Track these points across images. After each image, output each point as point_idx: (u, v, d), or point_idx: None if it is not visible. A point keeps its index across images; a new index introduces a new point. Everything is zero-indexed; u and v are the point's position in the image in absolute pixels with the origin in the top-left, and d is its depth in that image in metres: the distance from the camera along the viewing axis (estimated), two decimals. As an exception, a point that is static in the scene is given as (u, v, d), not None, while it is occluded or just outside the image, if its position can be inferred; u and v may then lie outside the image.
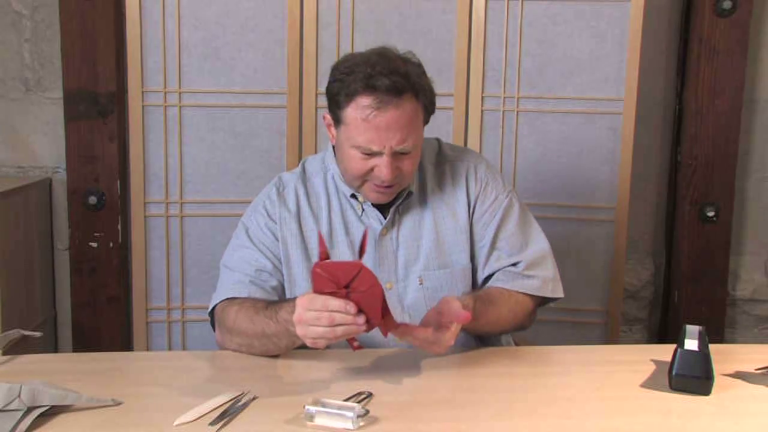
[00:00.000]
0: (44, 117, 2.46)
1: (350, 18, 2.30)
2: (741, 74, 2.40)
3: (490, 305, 1.47)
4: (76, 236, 2.36)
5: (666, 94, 2.54)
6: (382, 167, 1.42)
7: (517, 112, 2.35)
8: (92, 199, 2.34)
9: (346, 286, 1.21)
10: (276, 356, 1.42)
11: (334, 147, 1.55)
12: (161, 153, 2.33)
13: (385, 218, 1.54)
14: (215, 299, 1.52)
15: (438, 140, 1.65)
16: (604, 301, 2.42)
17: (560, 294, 1.58)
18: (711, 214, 2.45)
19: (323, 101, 2.31)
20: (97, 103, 2.31)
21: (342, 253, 1.53)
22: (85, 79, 2.30)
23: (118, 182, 2.34)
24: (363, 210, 1.54)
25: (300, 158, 2.33)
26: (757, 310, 2.66)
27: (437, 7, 2.31)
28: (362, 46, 2.28)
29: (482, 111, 2.35)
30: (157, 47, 2.29)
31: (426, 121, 1.50)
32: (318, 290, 1.23)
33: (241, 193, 2.35)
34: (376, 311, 1.22)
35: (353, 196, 1.54)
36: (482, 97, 2.34)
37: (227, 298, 1.49)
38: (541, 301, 1.58)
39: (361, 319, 1.21)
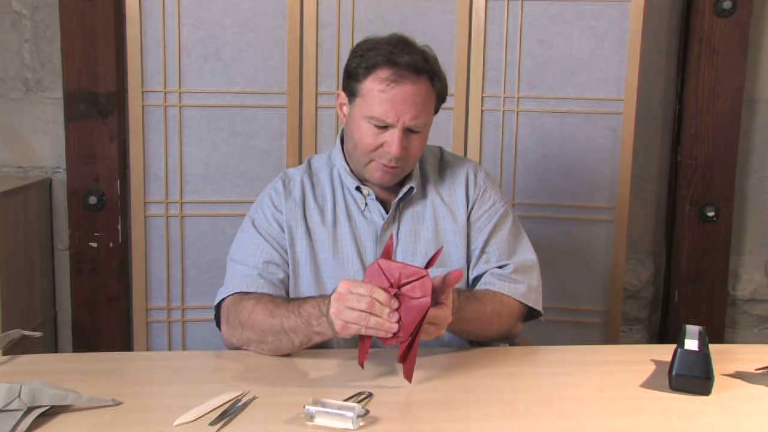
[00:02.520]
0: (44, 117, 2.46)
1: (350, 18, 2.30)
2: (741, 74, 2.40)
3: (474, 301, 1.47)
4: (76, 236, 2.36)
5: (666, 94, 2.54)
6: (392, 142, 1.45)
7: (517, 112, 2.35)
8: (92, 199, 2.34)
9: (399, 287, 1.22)
10: (279, 356, 1.42)
11: (343, 131, 1.58)
12: (161, 153, 2.33)
13: (387, 213, 1.55)
14: (222, 293, 1.51)
15: (440, 148, 1.69)
16: (604, 301, 2.42)
17: (540, 308, 1.58)
18: (711, 214, 2.45)
19: (323, 101, 2.33)
20: (97, 103, 2.31)
21: (346, 247, 1.54)
22: (85, 79, 2.30)
23: (118, 182, 2.34)
24: (366, 204, 1.56)
25: (300, 158, 2.34)
26: (757, 310, 2.66)
27: (437, 7, 2.31)
28: (362, 46, 2.30)
29: (482, 111, 2.35)
30: (157, 47, 2.29)
31: (436, 110, 1.53)
32: (368, 282, 1.24)
33: (241, 193, 2.35)
34: (412, 323, 1.22)
35: (358, 189, 1.55)
36: (482, 97, 2.34)
37: (237, 293, 1.48)
38: (525, 315, 1.58)
39: (395, 318, 1.21)
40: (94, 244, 2.36)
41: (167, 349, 2.38)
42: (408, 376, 1.26)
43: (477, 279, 1.57)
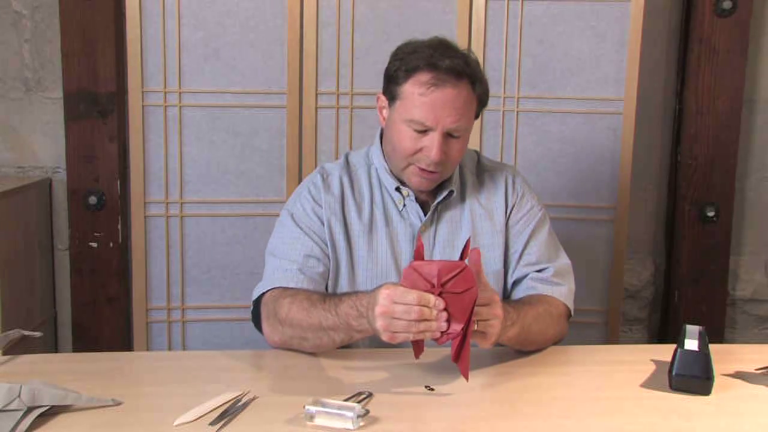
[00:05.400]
0: (44, 117, 2.46)
1: (350, 18, 2.30)
2: (741, 74, 2.40)
3: (525, 305, 1.45)
4: (76, 236, 2.36)
5: (666, 94, 2.54)
6: (431, 146, 1.44)
7: (517, 112, 2.35)
8: (92, 199, 2.34)
9: (442, 286, 1.21)
10: (323, 352, 1.42)
11: (382, 133, 1.57)
12: (161, 153, 2.33)
13: (425, 215, 1.55)
14: (261, 288, 1.49)
15: (477, 152, 1.69)
16: (604, 301, 2.42)
17: (572, 311, 1.59)
18: (711, 214, 2.45)
19: (323, 101, 2.33)
20: (97, 103, 2.31)
21: (381, 245, 1.53)
22: (85, 79, 2.30)
23: (118, 182, 2.34)
24: (404, 205, 1.55)
25: (300, 158, 2.34)
26: (757, 310, 2.66)
27: (437, 7, 2.31)
28: (362, 46, 2.30)
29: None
30: (157, 47, 2.29)
31: (477, 115, 1.52)
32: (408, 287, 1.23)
33: (241, 193, 2.35)
34: (463, 315, 1.21)
35: (397, 189, 1.54)
36: (482, 97, 2.34)
37: (277, 288, 1.46)
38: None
39: (444, 316, 1.20)
40: (94, 244, 2.36)
41: (167, 349, 2.38)
42: (465, 374, 1.24)
43: (516, 282, 1.57)
